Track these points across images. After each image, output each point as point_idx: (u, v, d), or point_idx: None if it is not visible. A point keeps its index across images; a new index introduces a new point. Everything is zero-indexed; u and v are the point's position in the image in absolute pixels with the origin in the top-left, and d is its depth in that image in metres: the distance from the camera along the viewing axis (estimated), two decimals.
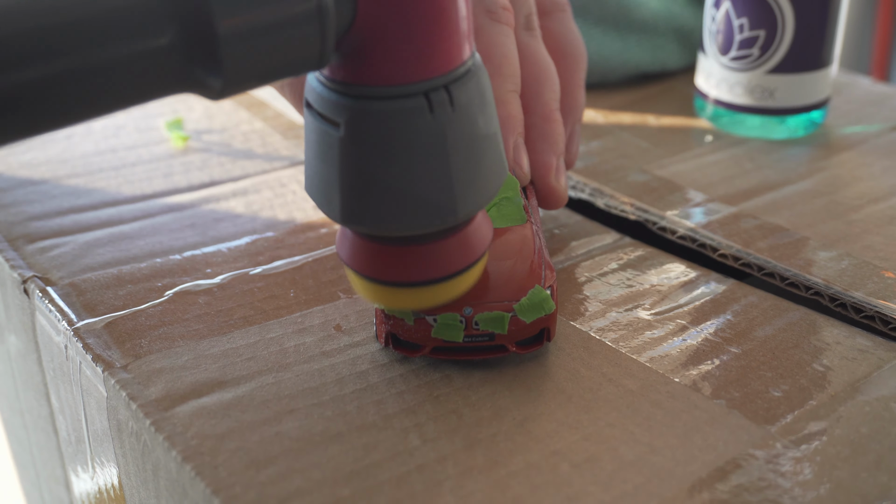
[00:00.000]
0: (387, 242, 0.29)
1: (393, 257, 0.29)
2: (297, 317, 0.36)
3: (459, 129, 0.28)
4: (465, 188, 0.28)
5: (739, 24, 0.50)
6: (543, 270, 0.33)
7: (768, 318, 0.36)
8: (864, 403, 0.32)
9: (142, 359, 0.33)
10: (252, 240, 0.41)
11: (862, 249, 0.41)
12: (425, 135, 0.27)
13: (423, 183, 0.28)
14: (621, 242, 0.42)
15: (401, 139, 0.27)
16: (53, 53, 0.23)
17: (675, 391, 0.32)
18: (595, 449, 0.29)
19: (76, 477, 0.41)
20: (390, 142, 0.27)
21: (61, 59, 0.23)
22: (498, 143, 0.29)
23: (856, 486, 0.28)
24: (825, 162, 0.49)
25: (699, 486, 0.28)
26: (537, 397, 0.32)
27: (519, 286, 0.32)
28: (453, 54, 0.27)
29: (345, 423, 0.30)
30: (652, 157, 0.50)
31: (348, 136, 0.27)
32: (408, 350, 0.33)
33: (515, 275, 0.32)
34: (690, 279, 0.39)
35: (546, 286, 0.33)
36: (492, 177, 0.29)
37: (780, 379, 0.33)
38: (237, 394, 0.32)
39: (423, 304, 0.30)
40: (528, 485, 0.28)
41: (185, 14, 0.24)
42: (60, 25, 0.23)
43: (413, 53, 0.26)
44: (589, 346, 0.34)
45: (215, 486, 0.28)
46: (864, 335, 0.35)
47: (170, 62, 0.24)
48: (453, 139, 0.27)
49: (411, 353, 0.33)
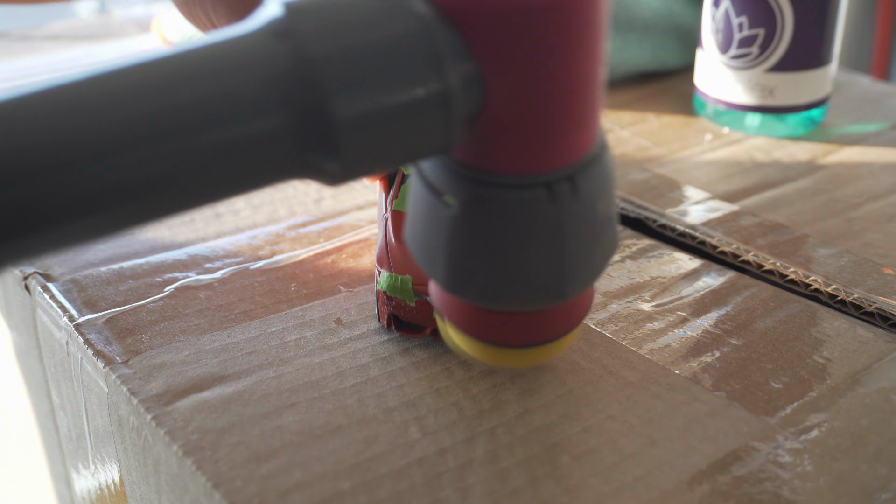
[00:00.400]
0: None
1: (494, 320, 0.28)
2: (298, 311, 0.36)
3: (579, 216, 0.26)
4: (577, 270, 0.27)
5: (739, 22, 0.50)
6: None
7: (769, 309, 0.36)
8: (865, 395, 0.32)
9: (142, 354, 0.33)
10: (253, 234, 0.41)
11: (861, 246, 0.41)
12: (543, 223, 0.26)
13: (535, 267, 0.26)
14: (622, 234, 0.42)
15: (518, 226, 0.26)
16: (162, 139, 0.22)
17: (675, 383, 0.32)
18: (595, 441, 0.29)
19: (77, 473, 0.41)
20: (507, 228, 0.26)
21: (169, 144, 0.22)
22: (614, 223, 0.28)
23: (856, 477, 0.28)
24: (825, 160, 0.49)
25: (699, 478, 0.28)
26: (537, 390, 0.32)
27: None
28: (582, 145, 0.25)
29: (345, 416, 0.30)
30: (652, 155, 0.50)
31: (462, 216, 0.26)
32: (410, 331, 0.33)
33: None
34: (691, 270, 0.39)
35: None
36: (605, 256, 0.28)
37: (780, 371, 0.33)
38: (238, 388, 0.32)
39: (518, 363, 0.29)
40: (528, 477, 0.28)
41: (298, 98, 0.23)
42: (170, 110, 0.22)
43: (542, 145, 0.25)
44: (589, 338, 0.34)
45: (216, 481, 0.28)
46: (864, 326, 0.35)
47: (284, 148, 0.23)
48: (571, 227, 0.26)
49: (413, 335, 0.33)
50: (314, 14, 0.23)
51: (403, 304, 0.32)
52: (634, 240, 0.41)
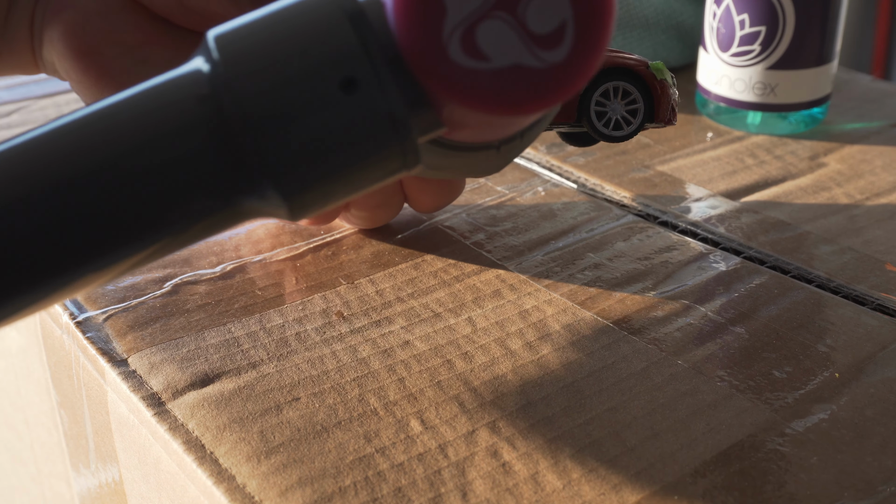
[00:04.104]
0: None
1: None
2: (299, 304, 0.36)
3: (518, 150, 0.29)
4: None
5: (740, 20, 0.50)
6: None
7: (773, 297, 0.36)
8: (870, 385, 0.31)
9: (142, 351, 0.33)
10: (252, 228, 0.41)
11: (864, 243, 0.41)
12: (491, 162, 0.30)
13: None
14: (626, 221, 0.42)
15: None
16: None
17: (678, 373, 0.32)
18: (597, 433, 0.29)
19: (77, 472, 0.41)
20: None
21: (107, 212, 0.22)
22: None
23: (860, 469, 0.28)
24: (826, 158, 0.49)
25: (702, 470, 0.28)
26: (539, 382, 0.31)
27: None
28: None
29: (346, 411, 0.30)
30: (654, 153, 0.50)
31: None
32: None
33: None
34: (695, 257, 0.39)
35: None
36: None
37: (784, 360, 0.33)
38: (238, 384, 0.31)
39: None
40: (529, 470, 0.28)
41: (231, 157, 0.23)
42: (103, 179, 0.22)
43: (495, 133, 0.26)
44: (591, 328, 0.34)
45: (217, 478, 0.28)
46: (869, 314, 0.35)
47: (228, 202, 0.24)
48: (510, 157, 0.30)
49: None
50: (244, 74, 0.23)
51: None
52: (639, 227, 0.41)
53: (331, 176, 0.23)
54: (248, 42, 0.23)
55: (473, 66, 0.22)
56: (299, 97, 0.22)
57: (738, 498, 0.27)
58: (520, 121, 0.26)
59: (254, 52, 0.23)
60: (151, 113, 0.23)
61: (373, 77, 0.22)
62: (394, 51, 0.23)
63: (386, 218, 0.40)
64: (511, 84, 0.22)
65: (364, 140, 0.23)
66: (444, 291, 0.37)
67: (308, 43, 0.23)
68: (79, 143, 0.23)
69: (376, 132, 0.23)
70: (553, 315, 0.35)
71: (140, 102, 0.23)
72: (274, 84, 0.22)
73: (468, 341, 0.34)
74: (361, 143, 0.23)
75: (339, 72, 0.22)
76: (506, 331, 0.34)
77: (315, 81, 0.22)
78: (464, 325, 0.35)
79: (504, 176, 0.47)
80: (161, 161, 0.23)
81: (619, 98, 0.36)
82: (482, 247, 0.40)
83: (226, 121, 0.23)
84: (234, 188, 0.23)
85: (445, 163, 0.29)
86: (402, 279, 0.37)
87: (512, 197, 0.44)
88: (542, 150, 0.50)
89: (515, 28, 0.22)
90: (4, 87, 0.59)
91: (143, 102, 0.23)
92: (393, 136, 0.23)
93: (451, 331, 0.34)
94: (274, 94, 0.22)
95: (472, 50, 0.22)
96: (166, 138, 0.23)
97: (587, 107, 0.36)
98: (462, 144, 0.27)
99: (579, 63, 0.23)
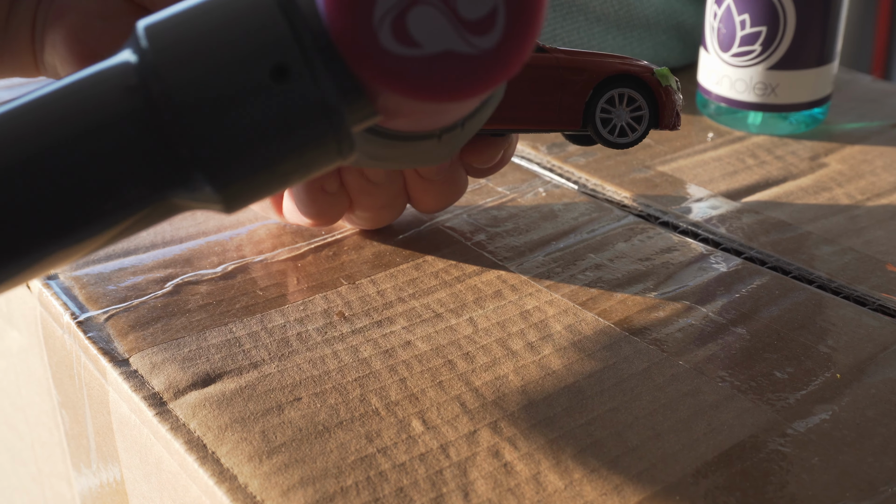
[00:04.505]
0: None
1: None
2: (300, 305, 0.36)
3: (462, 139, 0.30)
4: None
5: (741, 20, 0.50)
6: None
7: (774, 298, 0.36)
8: (871, 386, 0.31)
9: (144, 351, 0.33)
10: (254, 228, 0.41)
11: (864, 244, 0.41)
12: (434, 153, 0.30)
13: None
14: (628, 222, 0.42)
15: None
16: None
17: (679, 374, 0.32)
18: (599, 434, 0.29)
19: (78, 472, 0.41)
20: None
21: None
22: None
23: (862, 470, 0.28)
24: (827, 158, 0.49)
25: (704, 471, 0.28)
26: (540, 382, 0.31)
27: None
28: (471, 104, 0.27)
29: (348, 411, 0.30)
30: (654, 153, 0.50)
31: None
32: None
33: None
34: (696, 258, 0.39)
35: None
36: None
37: (785, 361, 0.33)
38: (240, 384, 0.31)
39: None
40: (531, 470, 0.28)
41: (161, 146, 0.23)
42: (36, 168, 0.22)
43: (432, 121, 0.26)
44: (593, 328, 0.34)
45: (218, 478, 0.28)
46: (870, 315, 0.35)
47: (161, 190, 0.23)
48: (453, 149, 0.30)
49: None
50: (172, 63, 0.22)
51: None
52: (640, 227, 0.41)
53: (264, 166, 0.23)
54: (178, 31, 0.22)
55: (404, 53, 0.22)
56: (229, 86, 0.22)
57: (740, 498, 0.27)
58: (455, 108, 0.25)
59: (182, 42, 0.22)
60: (78, 105, 0.23)
61: (303, 65, 0.22)
62: (325, 39, 0.22)
63: (389, 219, 0.40)
64: (442, 70, 0.22)
65: (296, 129, 0.23)
66: (446, 292, 0.37)
67: (238, 31, 0.22)
68: (6, 137, 0.22)
69: (309, 120, 0.23)
70: (554, 316, 0.35)
71: (67, 95, 0.23)
72: (203, 73, 0.22)
73: (469, 342, 0.34)
74: (294, 132, 0.23)
75: (270, 60, 0.22)
76: (507, 331, 0.34)
77: (245, 69, 0.22)
78: (465, 326, 0.35)
79: (505, 177, 0.47)
80: (89, 154, 0.22)
81: (625, 105, 0.36)
82: (483, 247, 0.40)
83: (155, 111, 0.22)
84: (168, 180, 0.23)
85: (387, 153, 0.29)
86: (404, 279, 0.37)
87: (513, 198, 0.44)
88: (543, 150, 0.50)
89: (446, 14, 0.22)
90: (5, 86, 0.59)
91: (70, 95, 0.23)
92: (326, 125, 0.23)
93: (452, 331, 0.34)
94: (203, 83, 0.22)
95: (403, 36, 0.22)
96: (93, 131, 0.22)
97: (592, 114, 0.36)
98: (402, 134, 0.27)
99: (511, 49, 0.23)
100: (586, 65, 0.36)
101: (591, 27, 0.56)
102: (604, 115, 0.36)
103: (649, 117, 0.36)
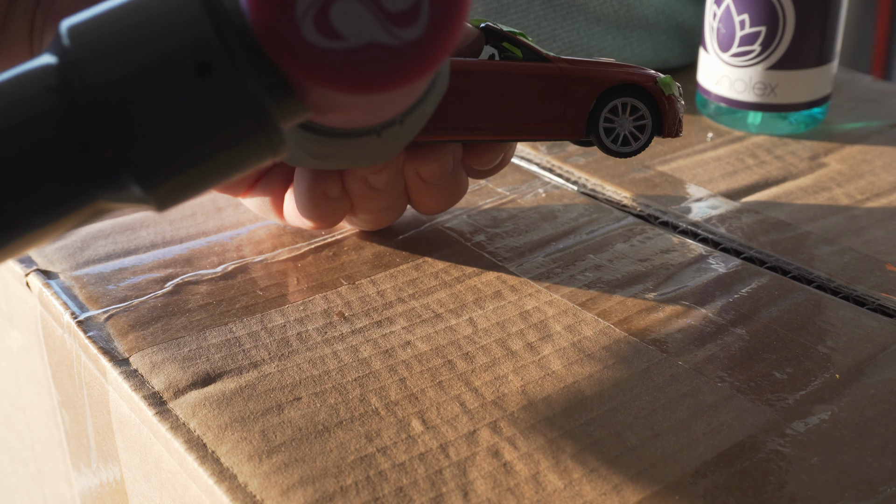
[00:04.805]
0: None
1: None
2: (300, 305, 0.36)
3: (402, 139, 0.30)
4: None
5: (740, 20, 0.50)
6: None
7: (773, 298, 0.36)
8: (870, 386, 0.32)
9: (144, 350, 0.33)
10: (254, 228, 0.41)
11: (864, 244, 0.41)
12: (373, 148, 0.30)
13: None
14: (627, 223, 0.42)
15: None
16: None
17: (679, 374, 0.32)
18: (598, 434, 0.29)
19: (78, 472, 0.41)
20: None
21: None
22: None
23: (861, 470, 0.28)
24: (826, 158, 0.49)
25: (703, 471, 0.28)
26: (539, 382, 0.32)
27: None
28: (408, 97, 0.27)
29: (347, 410, 0.30)
30: (654, 153, 0.50)
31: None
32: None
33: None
34: (696, 259, 0.39)
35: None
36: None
37: (784, 361, 0.33)
38: (240, 384, 0.31)
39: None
40: (530, 470, 0.28)
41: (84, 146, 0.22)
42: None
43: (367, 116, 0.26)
44: (592, 329, 0.34)
45: (218, 477, 0.28)
46: (869, 316, 0.35)
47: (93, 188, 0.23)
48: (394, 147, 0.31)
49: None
50: (94, 62, 0.22)
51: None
52: (639, 228, 0.41)
53: (193, 164, 0.23)
54: (100, 30, 0.22)
55: (328, 46, 0.22)
56: (152, 84, 0.22)
57: (739, 498, 0.27)
58: (386, 101, 0.25)
59: (104, 40, 0.22)
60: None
61: (227, 61, 0.22)
62: (250, 34, 0.22)
63: (389, 220, 0.40)
64: (367, 63, 0.22)
65: (222, 125, 0.22)
66: (445, 292, 0.37)
67: (161, 28, 0.22)
68: None
69: (234, 117, 0.22)
70: (554, 316, 0.35)
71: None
72: (125, 71, 0.22)
73: (469, 342, 0.34)
74: (220, 129, 0.22)
75: (193, 56, 0.22)
76: (507, 332, 0.34)
77: (168, 67, 0.22)
78: (465, 326, 0.35)
79: (505, 178, 0.47)
80: (11, 155, 0.22)
81: (628, 114, 0.36)
82: (483, 248, 0.40)
83: (77, 111, 0.22)
84: (95, 181, 0.23)
85: (328, 151, 0.29)
86: (404, 280, 0.37)
87: (513, 199, 0.44)
88: (543, 150, 0.50)
89: (369, 6, 0.22)
90: None
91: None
92: (253, 121, 0.22)
93: (452, 331, 0.34)
94: (125, 82, 0.22)
95: (327, 29, 0.22)
96: (13, 132, 0.22)
97: (596, 123, 0.36)
98: (339, 130, 0.27)
99: (436, 40, 0.22)
100: (590, 74, 0.36)
101: (591, 27, 0.56)
102: (607, 124, 0.36)
103: (652, 126, 0.37)
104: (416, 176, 0.38)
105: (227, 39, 0.22)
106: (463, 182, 0.39)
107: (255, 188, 0.40)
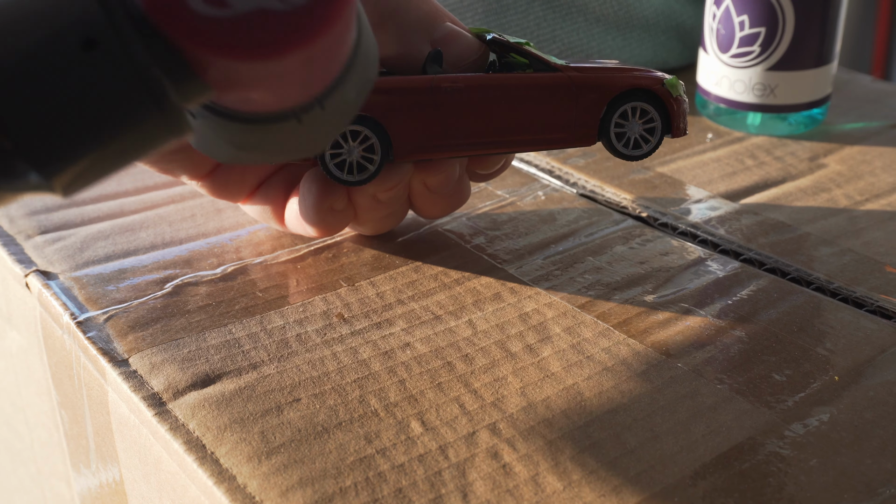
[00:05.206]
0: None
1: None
2: (299, 306, 0.36)
3: (329, 124, 0.28)
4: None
5: (740, 21, 0.50)
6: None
7: (772, 300, 0.36)
8: (869, 388, 0.32)
9: (143, 351, 0.33)
10: (254, 230, 0.41)
11: (863, 245, 0.41)
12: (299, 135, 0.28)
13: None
14: (626, 225, 0.42)
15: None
16: None
17: (678, 376, 0.32)
18: (598, 435, 0.29)
19: (77, 472, 0.41)
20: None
21: None
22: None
23: (860, 471, 0.28)
24: (826, 159, 0.49)
25: (702, 472, 0.28)
26: (539, 384, 0.32)
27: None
28: (325, 76, 0.25)
29: (347, 412, 0.30)
30: (654, 153, 0.50)
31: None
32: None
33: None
34: (695, 261, 0.39)
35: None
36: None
37: (783, 363, 0.33)
38: (239, 385, 0.31)
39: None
40: (529, 472, 0.28)
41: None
42: None
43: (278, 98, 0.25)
44: (591, 331, 0.34)
45: (217, 478, 0.28)
46: (868, 318, 0.35)
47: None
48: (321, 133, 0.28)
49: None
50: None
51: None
52: (638, 231, 0.41)
53: (91, 148, 0.22)
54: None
55: (215, 14, 0.22)
56: (39, 66, 0.21)
57: (738, 500, 0.27)
58: (286, 75, 0.24)
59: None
60: None
61: (114, 36, 0.21)
62: (138, 10, 0.22)
63: (391, 226, 0.40)
64: (255, 29, 0.22)
65: (115, 102, 0.22)
66: (445, 294, 0.37)
67: (44, 6, 0.21)
68: None
69: (127, 94, 0.22)
70: (553, 318, 0.35)
71: None
72: (9, 53, 0.21)
73: (468, 344, 0.34)
74: (113, 107, 0.22)
75: (78, 33, 0.21)
76: (506, 333, 0.34)
77: (53, 45, 0.21)
78: (464, 328, 0.35)
79: (505, 180, 0.47)
80: None
81: (637, 117, 0.37)
82: (483, 250, 0.40)
83: None
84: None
85: (249, 139, 0.28)
86: (403, 282, 0.37)
87: (512, 201, 0.44)
88: (542, 152, 0.50)
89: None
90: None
91: None
92: (147, 98, 0.22)
93: (451, 333, 0.34)
94: (10, 62, 0.21)
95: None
96: None
97: (607, 128, 0.37)
98: (256, 115, 0.26)
99: (324, 4, 0.22)
100: (599, 81, 0.36)
101: (591, 28, 0.56)
102: (618, 129, 0.37)
103: (662, 128, 0.37)
104: (423, 186, 0.38)
105: (113, 15, 0.21)
106: (466, 189, 0.39)
107: (255, 196, 0.39)
